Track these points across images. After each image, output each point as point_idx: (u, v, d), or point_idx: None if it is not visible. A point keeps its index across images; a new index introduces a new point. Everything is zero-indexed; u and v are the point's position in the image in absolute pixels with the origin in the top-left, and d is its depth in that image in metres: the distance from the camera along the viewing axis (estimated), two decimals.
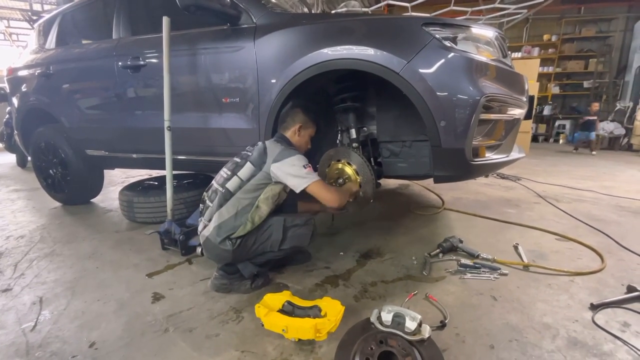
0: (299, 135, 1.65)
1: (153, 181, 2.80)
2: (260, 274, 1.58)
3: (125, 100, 2.34)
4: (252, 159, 1.51)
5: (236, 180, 1.49)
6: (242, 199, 1.47)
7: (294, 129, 1.64)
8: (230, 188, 1.48)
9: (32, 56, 2.93)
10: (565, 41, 7.83)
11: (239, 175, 1.49)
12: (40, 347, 1.20)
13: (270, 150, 1.51)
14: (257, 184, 1.48)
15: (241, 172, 1.50)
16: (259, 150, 1.53)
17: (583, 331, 1.23)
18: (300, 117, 1.64)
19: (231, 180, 1.49)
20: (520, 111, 1.78)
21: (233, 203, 1.47)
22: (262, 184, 1.48)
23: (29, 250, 2.04)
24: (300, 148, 1.65)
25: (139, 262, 1.85)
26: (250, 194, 1.47)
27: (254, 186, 1.48)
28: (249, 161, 1.51)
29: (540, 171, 4.20)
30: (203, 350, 1.17)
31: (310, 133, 1.70)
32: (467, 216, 2.52)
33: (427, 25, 1.54)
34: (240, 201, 1.47)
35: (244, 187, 1.48)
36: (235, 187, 1.48)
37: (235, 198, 1.47)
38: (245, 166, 1.50)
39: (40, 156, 2.94)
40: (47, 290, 1.58)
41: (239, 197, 1.47)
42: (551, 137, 7.93)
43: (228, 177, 1.51)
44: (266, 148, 1.52)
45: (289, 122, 1.65)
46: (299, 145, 1.66)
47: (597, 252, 1.85)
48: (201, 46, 1.98)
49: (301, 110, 1.65)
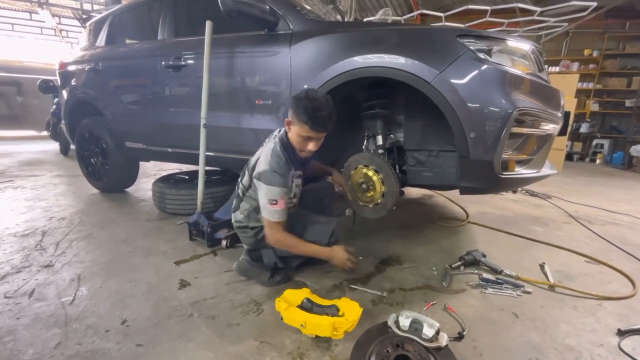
0: (289, 131, 1.51)
1: (184, 175, 2.94)
2: (280, 270, 1.63)
3: (164, 97, 2.48)
4: (249, 165, 1.58)
5: (241, 186, 1.61)
6: (250, 200, 1.58)
7: (286, 121, 1.51)
8: (239, 192, 1.62)
9: (82, 52, 3.16)
10: (608, 57, 7.45)
11: (242, 182, 1.60)
12: (77, 319, 1.30)
13: (261, 164, 1.48)
14: (256, 193, 1.53)
15: (243, 178, 1.60)
16: (255, 157, 1.56)
17: (608, 356, 1.18)
18: (290, 110, 1.46)
19: (239, 185, 1.63)
20: (554, 126, 1.74)
21: (247, 203, 1.59)
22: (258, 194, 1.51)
23: (70, 232, 2.20)
24: (296, 145, 1.50)
25: (168, 250, 1.95)
26: (254, 200, 1.56)
27: (254, 193, 1.54)
28: (247, 168, 1.58)
29: (572, 190, 4.02)
30: (225, 337, 1.23)
31: (299, 132, 1.44)
32: (491, 231, 2.46)
33: (461, 36, 1.55)
34: (251, 203, 1.58)
35: (247, 193, 1.58)
36: (242, 192, 1.61)
37: (246, 200, 1.59)
38: (245, 173, 1.59)
39: (84, 145, 3.16)
40: (85, 269, 1.70)
41: (248, 200, 1.59)
42: (587, 156, 7.54)
43: (240, 179, 1.63)
44: (259, 158, 1.51)
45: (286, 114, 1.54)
46: (293, 143, 1.50)
47: (629, 277, 1.76)
48: (239, 49, 2.08)
49: (292, 103, 1.46)
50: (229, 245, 1.98)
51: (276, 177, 1.42)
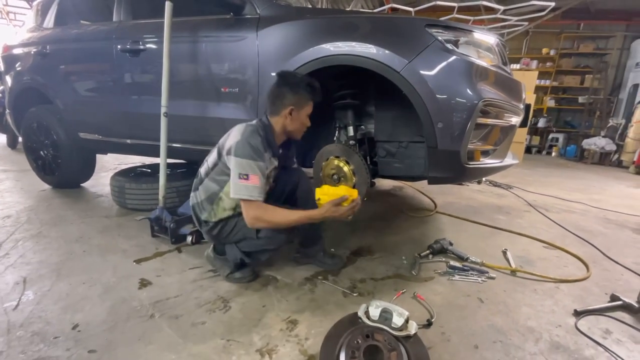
0: (291, 120, 1.41)
1: (146, 168, 2.77)
2: (246, 266, 1.54)
3: (122, 84, 2.31)
4: (219, 144, 1.42)
5: (205, 165, 1.49)
6: (209, 185, 1.44)
7: (284, 114, 1.40)
8: (202, 172, 1.49)
9: (28, 35, 2.87)
10: (563, 56, 7.93)
11: (207, 160, 1.48)
12: (21, 326, 1.18)
13: (231, 136, 1.34)
14: (219, 175, 1.40)
15: (210, 157, 1.47)
16: (226, 135, 1.41)
17: (565, 336, 1.25)
18: (290, 98, 1.38)
19: (203, 164, 1.50)
20: (516, 118, 1.80)
21: (204, 188, 1.46)
22: (223, 176, 1.38)
23: (15, 231, 2.00)
24: (297, 131, 1.47)
25: (128, 248, 1.83)
26: (215, 183, 1.42)
27: (216, 176, 1.41)
28: (217, 146, 1.43)
29: (532, 181, 4.25)
30: (188, 337, 1.16)
31: (307, 112, 1.43)
32: (458, 220, 2.54)
33: (430, 26, 1.55)
34: (208, 187, 1.44)
35: (210, 174, 1.44)
36: (205, 172, 1.48)
37: (205, 184, 1.46)
38: (213, 151, 1.46)
39: (32, 137, 2.88)
40: (32, 271, 1.55)
41: (207, 184, 1.45)
42: (544, 149, 8.03)
43: (206, 158, 1.50)
44: (230, 134, 1.37)
45: (277, 106, 1.40)
46: (293, 130, 1.45)
47: (583, 261, 1.88)
48: (203, 34, 1.96)
49: (289, 89, 1.38)
50: (194, 242, 1.88)
51: (248, 148, 1.28)
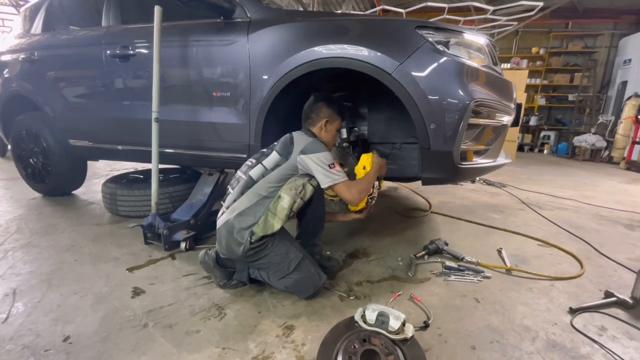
0: (325, 131, 1.58)
1: (138, 174, 2.74)
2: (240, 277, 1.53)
3: (112, 90, 2.28)
4: (278, 148, 1.47)
5: (260, 168, 1.45)
6: (264, 187, 1.41)
7: (320, 125, 1.57)
8: (254, 175, 1.44)
9: (16, 41, 2.82)
10: (553, 55, 8.04)
11: (263, 163, 1.45)
12: (11, 339, 1.15)
13: (297, 140, 1.46)
14: (282, 174, 1.42)
15: (266, 160, 1.46)
16: (284, 140, 1.49)
17: (562, 334, 1.25)
18: (325, 111, 1.57)
19: (255, 167, 1.46)
20: (508, 118, 1.81)
21: (254, 191, 1.41)
22: (286, 174, 1.43)
23: (4, 241, 1.96)
24: (328, 143, 1.59)
25: (120, 256, 1.80)
26: (273, 184, 1.41)
27: (277, 176, 1.42)
28: (275, 150, 1.47)
29: (525, 179, 4.29)
30: (183, 346, 1.14)
31: (336, 126, 1.63)
32: (453, 220, 2.54)
33: (420, 28, 1.56)
34: (262, 189, 1.41)
35: (267, 176, 1.43)
36: (259, 175, 1.44)
37: (257, 186, 1.42)
38: (271, 155, 1.46)
39: (21, 145, 2.83)
40: (22, 282, 1.52)
41: (261, 185, 1.42)
42: (536, 147, 8.13)
43: (252, 165, 1.48)
44: (292, 138, 1.47)
45: (314, 118, 1.58)
46: (327, 141, 1.59)
47: (577, 258, 1.90)
48: (193, 38, 1.94)
49: (325, 104, 1.58)
50: (188, 248, 1.86)
51: (321, 145, 1.45)
